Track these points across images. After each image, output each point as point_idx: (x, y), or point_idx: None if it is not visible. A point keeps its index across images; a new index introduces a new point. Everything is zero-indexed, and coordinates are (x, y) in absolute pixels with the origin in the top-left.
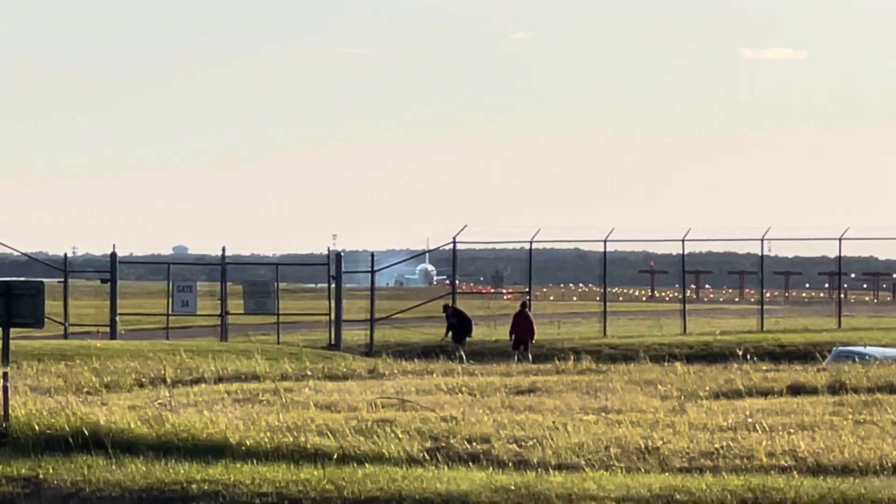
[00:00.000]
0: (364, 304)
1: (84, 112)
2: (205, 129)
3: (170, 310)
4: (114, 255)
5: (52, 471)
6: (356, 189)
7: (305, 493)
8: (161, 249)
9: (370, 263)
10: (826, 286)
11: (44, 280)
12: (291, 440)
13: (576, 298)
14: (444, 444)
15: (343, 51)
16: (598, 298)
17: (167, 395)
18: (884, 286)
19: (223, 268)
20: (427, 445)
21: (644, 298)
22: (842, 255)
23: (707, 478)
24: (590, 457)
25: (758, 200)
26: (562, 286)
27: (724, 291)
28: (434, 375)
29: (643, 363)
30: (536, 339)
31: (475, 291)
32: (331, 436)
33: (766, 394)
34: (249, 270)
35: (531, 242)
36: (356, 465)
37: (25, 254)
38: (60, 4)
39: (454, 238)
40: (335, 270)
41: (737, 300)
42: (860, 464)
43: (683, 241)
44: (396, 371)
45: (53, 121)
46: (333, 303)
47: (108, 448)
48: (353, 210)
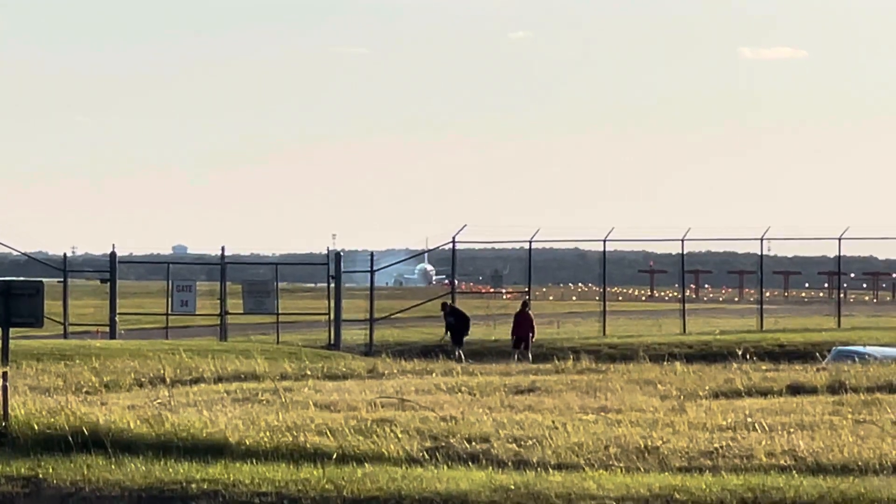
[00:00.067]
0: (363, 304)
1: (83, 112)
2: (204, 129)
3: (169, 309)
4: (113, 255)
5: (52, 470)
6: (355, 189)
7: (305, 493)
8: (160, 249)
9: (369, 263)
10: (825, 286)
11: (43, 280)
12: (291, 440)
13: (575, 298)
14: (444, 444)
15: (342, 50)
16: (598, 298)
17: (167, 395)
18: (883, 286)
19: (222, 267)
20: (426, 445)
21: (643, 298)
22: (841, 255)
23: (706, 477)
24: (589, 456)
25: (757, 200)
26: (561, 286)
27: (724, 291)
28: (433, 375)
29: (643, 363)
30: (536, 339)
31: (474, 291)
32: (330, 435)
33: (766, 393)
34: (249, 270)
35: (531, 242)
36: (356, 465)
37: (25, 253)
38: (60, 4)
39: (453, 238)
40: (334, 270)
41: (736, 300)
42: (860, 463)
43: (683, 241)
44: (396, 371)
45: (53, 120)
46: (333, 302)
47: (108, 448)
48: (353, 210)
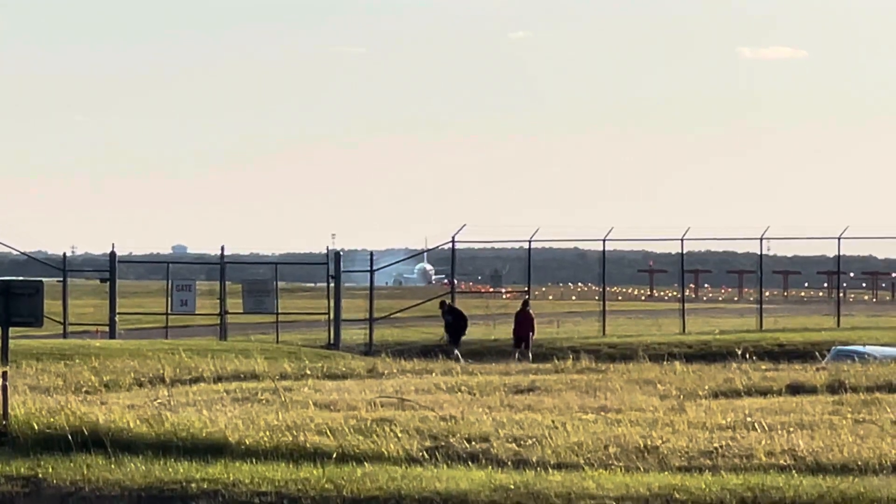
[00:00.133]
0: (363, 304)
1: (83, 112)
2: (204, 129)
3: (169, 309)
4: (113, 255)
5: (52, 470)
6: (355, 188)
7: (305, 493)
8: (160, 249)
9: (369, 262)
10: (825, 285)
11: (43, 279)
12: (290, 439)
13: (575, 297)
14: (444, 444)
15: (342, 50)
16: (597, 297)
17: (166, 395)
18: (883, 285)
19: (222, 267)
20: (426, 444)
21: (643, 297)
22: (841, 255)
23: (706, 477)
24: (589, 456)
25: (757, 200)
26: (561, 285)
27: (723, 290)
28: (433, 374)
29: (642, 362)
30: (536, 338)
31: (474, 291)
32: (330, 435)
33: (765, 393)
34: (248, 269)
35: (530, 242)
36: (355, 465)
37: (24, 253)
38: (60, 4)
39: (453, 237)
40: (334, 270)
41: (736, 299)
42: (859, 463)
43: (682, 241)
44: (395, 370)
45: (52, 120)
46: (332, 302)
47: (108, 447)
48: (352, 209)
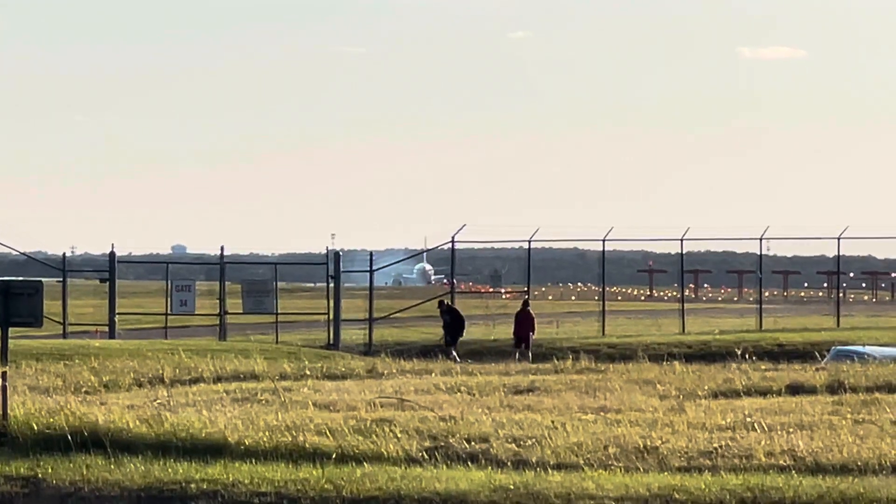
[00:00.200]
0: (362, 304)
1: (82, 111)
2: (203, 129)
3: (168, 309)
4: (112, 255)
5: (51, 470)
6: (354, 188)
7: (304, 493)
8: (160, 249)
9: (368, 263)
10: (825, 285)
11: (42, 279)
12: (290, 440)
13: (574, 298)
14: (443, 444)
15: (341, 50)
16: (597, 298)
17: (166, 395)
18: (882, 285)
19: (222, 267)
20: (426, 445)
21: (643, 298)
22: (840, 255)
23: (706, 477)
24: (588, 456)
25: (756, 200)
26: (560, 285)
27: (723, 291)
28: (433, 375)
29: (642, 362)
30: (535, 338)
31: (473, 291)
32: (329, 435)
33: (765, 393)
34: (248, 270)
35: (530, 242)
36: (355, 465)
37: (24, 253)
38: (60, 4)
39: (453, 237)
40: (334, 270)
41: (735, 299)
42: (859, 463)
43: (682, 241)
44: (395, 370)
45: (52, 120)
46: (332, 302)
47: (107, 447)
48: (352, 209)
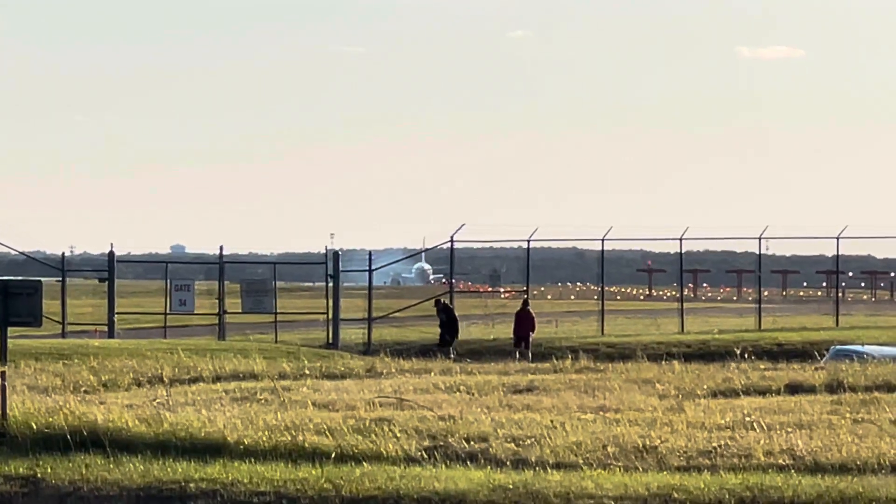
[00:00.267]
0: (361, 303)
1: (82, 111)
2: (202, 129)
3: (168, 309)
4: (111, 254)
5: (50, 470)
6: (353, 188)
7: (303, 492)
8: (159, 248)
9: (367, 262)
10: (824, 285)
11: (41, 279)
12: (289, 439)
13: (573, 297)
14: (442, 443)
15: (340, 49)
16: (596, 297)
17: (165, 394)
18: (881, 285)
19: (221, 267)
20: (425, 444)
21: (642, 297)
22: (839, 254)
23: (705, 476)
24: (588, 456)
25: (755, 199)
26: (559, 285)
27: (722, 290)
28: (432, 374)
29: (641, 362)
30: (534, 338)
31: (472, 290)
32: (329, 435)
33: (764, 392)
34: (247, 269)
35: (529, 241)
36: (354, 464)
37: (23, 253)
38: (60, 4)
39: (452, 237)
40: (333, 269)
41: (735, 299)
42: (858, 462)
43: (681, 240)
44: (394, 370)
45: (51, 120)
46: (331, 302)
47: (106, 447)
48: (351, 209)
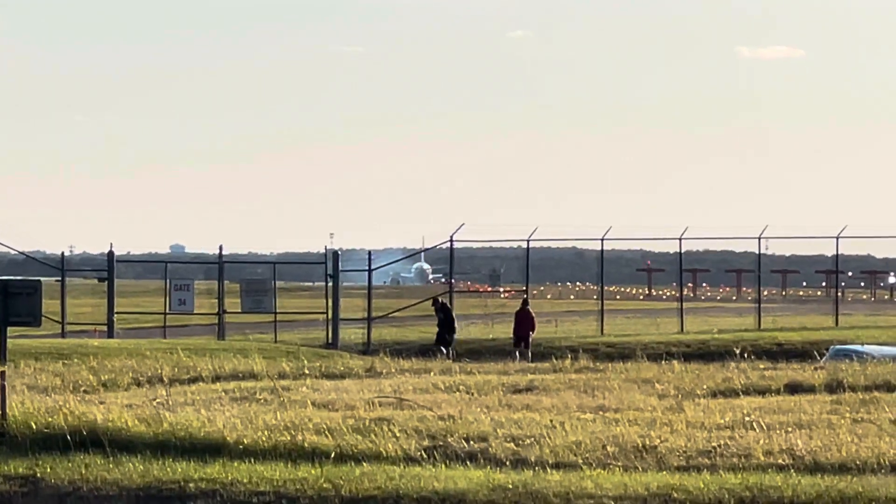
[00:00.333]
0: (361, 303)
1: (81, 111)
2: (201, 128)
3: (167, 308)
4: (111, 254)
5: (50, 469)
6: (353, 188)
7: (303, 492)
8: (158, 248)
9: (367, 262)
10: (823, 284)
11: (41, 279)
12: (289, 439)
13: (573, 297)
14: (442, 443)
15: (340, 49)
16: (596, 297)
17: (164, 394)
18: (881, 284)
19: (220, 266)
20: (424, 444)
21: (641, 297)
22: (839, 254)
23: (704, 476)
24: (587, 455)
25: (755, 199)
26: (559, 284)
27: (722, 290)
28: (431, 374)
29: (640, 362)
30: (534, 338)
31: (472, 290)
32: (328, 434)
33: (764, 392)
34: (247, 269)
35: (528, 241)
36: (354, 464)
37: (23, 252)
38: (60, 4)
39: (451, 237)
40: (332, 269)
41: (734, 298)
42: (857, 462)
43: (681, 240)
44: (394, 369)
45: (51, 120)
46: (331, 301)
47: (106, 447)
48: (350, 209)
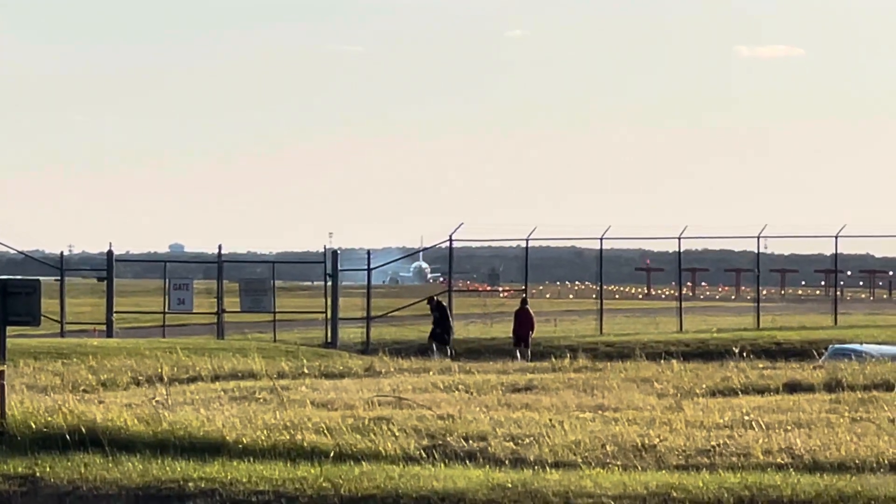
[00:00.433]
0: (360, 302)
1: (81, 110)
2: (201, 127)
3: (166, 308)
4: (110, 253)
5: (49, 469)
6: (352, 187)
7: (302, 491)
8: (157, 247)
9: (366, 261)
10: (822, 284)
11: (40, 278)
12: (288, 438)
13: (572, 296)
14: (441, 442)
15: (338, 49)
16: (595, 296)
17: (164, 394)
18: (880, 283)
19: (219, 266)
20: (424, 443)
21: (640, 296)
22: (838, 253)
23: (704, 475)
24: (586, 454)
25: (754, 198)
26: (558, 284)
27: (721, 289)
28: (430, 373)
29: (640, 361)
30: (533, 337)
31: (471, 289)
32: (327, 434)
33: (763, 391)
34: (246, 268)
35: (527, 240)
36: (353, 463)
37: (22, 252)
38: (60, 4)
39: (450, 236)
40: (331, 268)
41: (733, 298)
42: (857, 461)
43: (680, 239)
44: (393, 369)
45: (50, 119)
46: (330, 301)
47: (105, 446)
48: (350, 208)
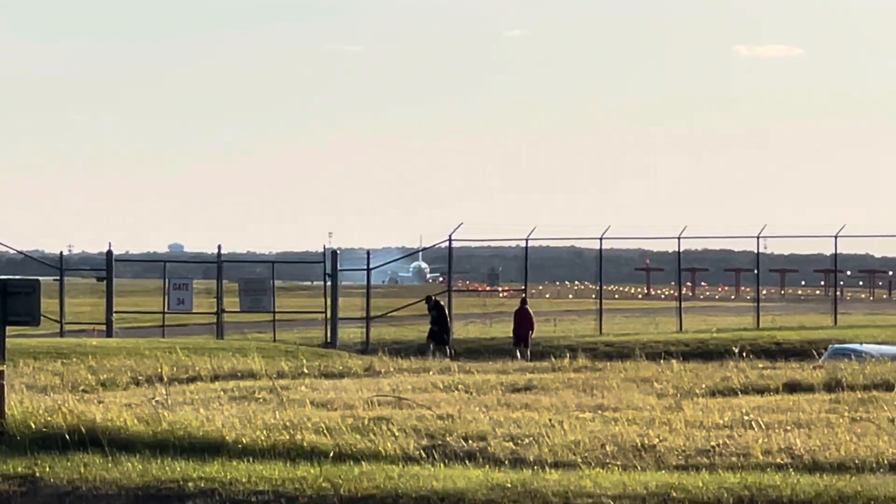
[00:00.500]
0: (359, 302)
1: (80, 110)
2: (200, 128)
3: (166, 308)
4: (110, 253)
5: (49, 469)
6: (351, 187)
7: (302, 491)
8: (157, 247)
9: (365, 261)
10: (822, 283)
11: (40, 278)
12: (288, 438)
13: (572, 296)
14: (441, 442)
15: (338, 48)
16: (594, 296)
17: (163, 393)
18: (879, 283)
19: (219, 265)
20: (423, 443)
21: (640, 296)
22: (838, 253)
23: (703, 475)
24: (586, 454)
25: (754, 198)
26: (557, 284)
27: (720, 289)
28: (430, 373)
29: (639, 361)
30: (533, 337)
31: (471, 289)
32: (327, 434)
33: (763, 391)
34: (245, 268)
35: (527, 240)
36: (352, 463)
37: (21, 252)
38: (60, 4)
39: (450, 236)
40: (331, 268)
41: (733, 298)
42: (856, 461)
43: (679, 239)
44: (392, 369)
45: (49, 118)
46: (329, 300)
47: (105, 446)
48: (349, 208)
